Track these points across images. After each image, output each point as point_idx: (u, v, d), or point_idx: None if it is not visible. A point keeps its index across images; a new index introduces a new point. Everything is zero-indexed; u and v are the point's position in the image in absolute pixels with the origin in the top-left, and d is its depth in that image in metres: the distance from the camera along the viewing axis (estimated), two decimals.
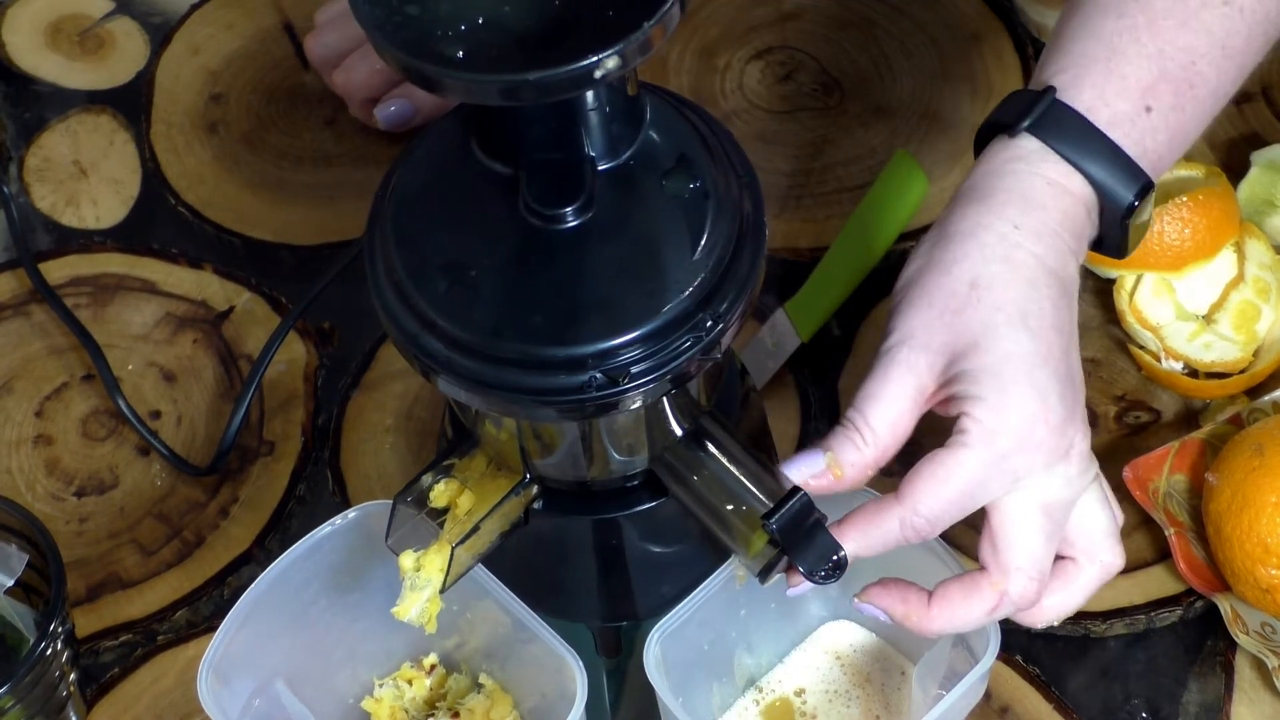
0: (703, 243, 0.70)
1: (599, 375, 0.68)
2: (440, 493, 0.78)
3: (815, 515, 0.74)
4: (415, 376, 0.90)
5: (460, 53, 0.63)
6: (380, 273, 0.72)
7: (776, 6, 1.17)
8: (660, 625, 0.79)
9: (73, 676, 0.88)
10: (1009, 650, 0.90)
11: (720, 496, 0.77)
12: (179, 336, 1.05)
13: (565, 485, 0.80)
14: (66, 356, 1.04)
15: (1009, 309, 0.73)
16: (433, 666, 0.89)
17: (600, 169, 0.70)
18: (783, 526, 0.73)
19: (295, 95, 1.15)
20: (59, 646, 0.85)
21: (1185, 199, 0.97)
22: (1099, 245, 0.79)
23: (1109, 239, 0.78)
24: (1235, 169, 1.04)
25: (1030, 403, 0.72)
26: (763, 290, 0.73)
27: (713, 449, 0.77)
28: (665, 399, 0.74)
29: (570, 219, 0.69)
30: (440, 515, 0.78)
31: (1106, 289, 1.01)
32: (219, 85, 1.16)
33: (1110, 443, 0.97)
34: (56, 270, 1.08)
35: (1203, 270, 1.00)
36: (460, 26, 0.64)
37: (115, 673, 0.92)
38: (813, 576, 0.74)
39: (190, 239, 1.09)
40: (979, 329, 0.73)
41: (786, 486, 0.74)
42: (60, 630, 0.84)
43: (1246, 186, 1.03)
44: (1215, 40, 0.78)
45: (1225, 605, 0.88)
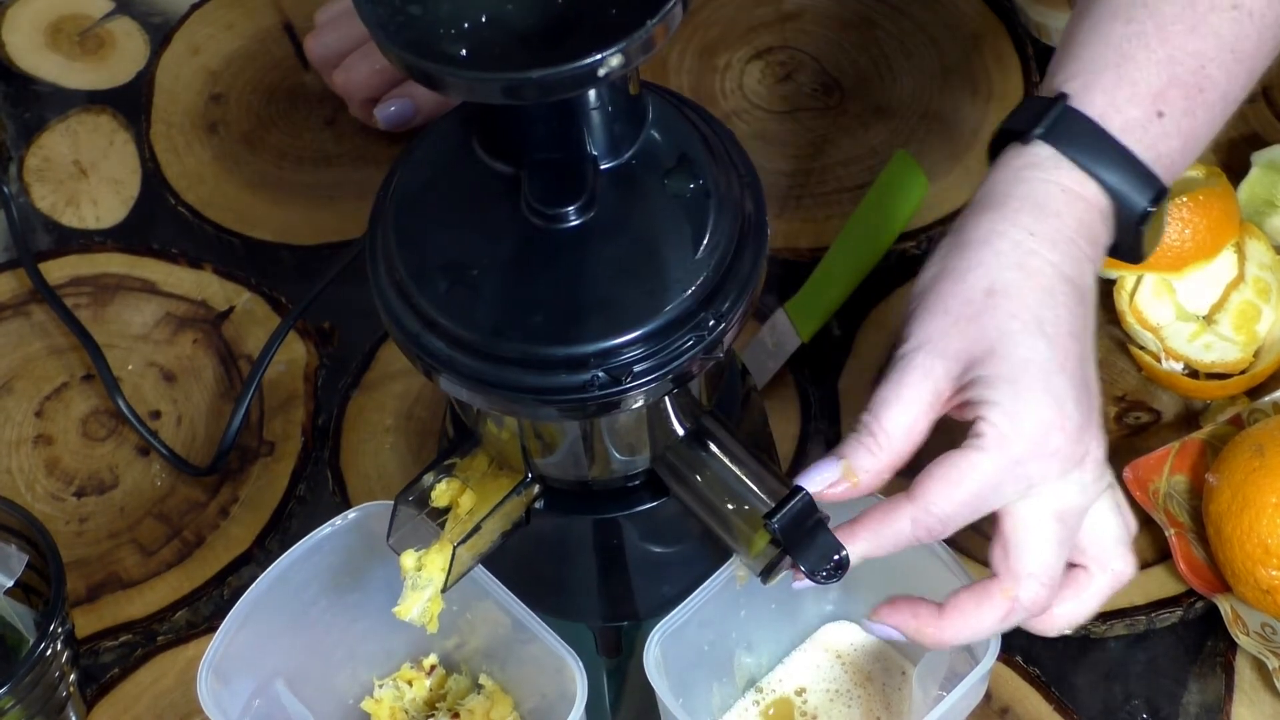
0: (704, 242, 0.70)
1: (601, 374, 0.68)
2: (442, 492, 0.78)
3: (817, 515, 0.74)
4: (415, 376, 0.90)
5: (463, 51, 0.63)
6: (382, 272, 0.72)
7: (776, 6, 1.17)
8: (660, 625, 0.79)
9: (73, 677, 0.88)
10: (1009, 651, 0.89)
11: (722, 496, 0.77)
12: (179, 336, 1.05)
13: (567, 485, 0.80)
14: (66, 356, 1.04)
15: (1025, 316, 0.73)
16: (433, 667, 0.89)
17: (602, 168, 0.70)
18: (784, 526, 0.73)
19: (295, 95, 1.15)
20: (59, 646, 0.85)
21: (1185, 199, 0.97)
22: (1114, 251, 0.78)
23: (1124, 245, 0.78)
24: (1235, 169, 1.04)
25: (1047, 410, 0.72)
26: (763, 290, 0.73)
27: (714, 448, 0.77)
28: (667, 399, 0.74)
29: (572, 218, 0.69)
30: (441, 515, 0.78)
31: (1107, 289, 1.01)
32: (219, 85, 1.16)
33: (1110, 443, 0.95)
34: (56, 270, 1.08)
35: (1203, 271, 0.99)
36: (463, 25, 0.64)
37: (115, 673, 0.92)
38: (814, 576, 0.74)
39: (190, 239, 1.09)
40: (995, 336, 0.73)
41: (797, 490, 0.74)
42: (60, 630, 0.84)
43: (1246, 186, 1.03)
44: (1224, 44, 0.78)
45: (1225, 606, 0.88)
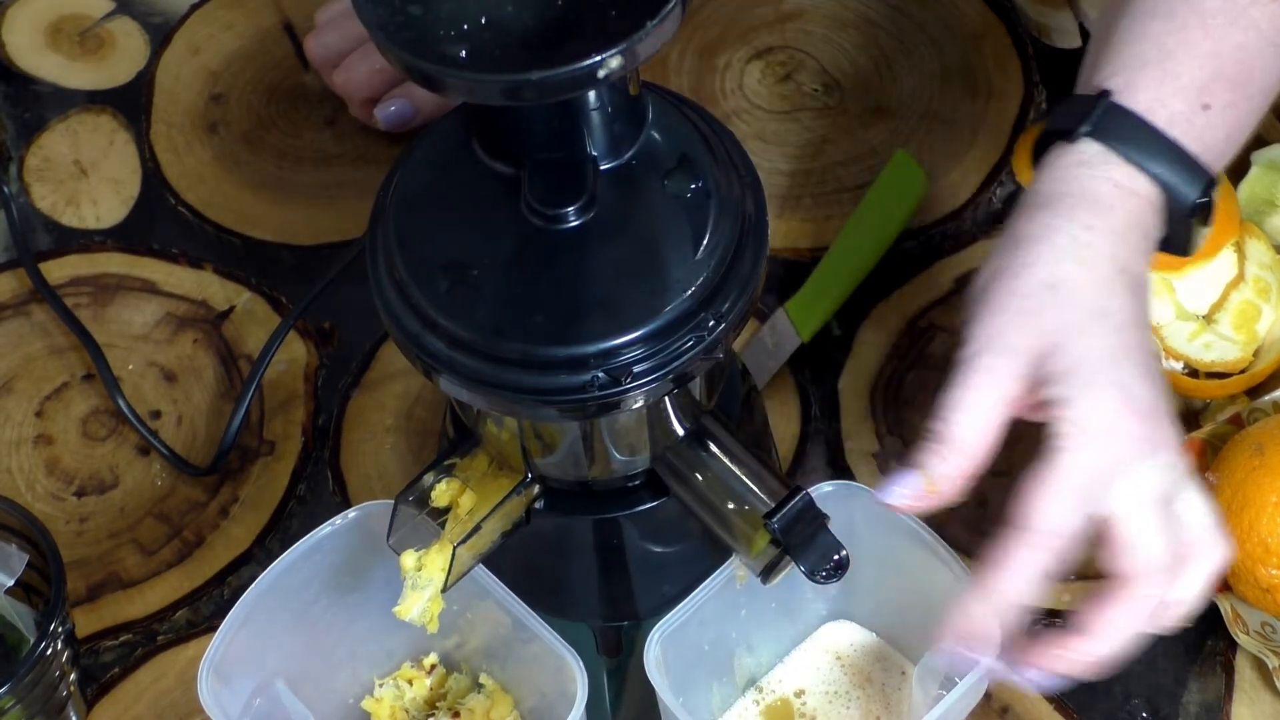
0: (705, 242, 0.70)
1: (601, 375, 0.68)
2: (442, 492, 0.78)
3: (817, 515, 0.74)
4: (416, 376, 0.90)
5: (463, 52, 0.63)
6: (382, 272, 0.72)
7: (776, 6, 1.17)
8: (661, 625, 0.79)
9: (73, 676, 0.88)
10: None
11: (722, 496, 0.77)
12: (179, 336, 1.05)
13: (567, 485, 0.80)
14: (66, 356, 1.04)
15: (1088, 307, 0.73)
16: (433, 666, 0.89)
17: (602, 169, 0.70)
18: (785, 526, 0.73)
19: (295, 95, 1.15)
20: (59, 646, 0.85)
21: None
22: (1163, 245, 0.79)
23: (1173, 238, 0.78)
24: (1235, 169, 1.04)
25: (1117, 399, 0.72)
26: (763, 290, 0.73)
27: (714, 448, 0.77)
28: (667, 399, 0.74)
29: (572, 219, 0.69)
30: (442, 515, 0.78)
31: None
32: (219, 85, 1.16)
33: None
34: (56, 270, 1.08)
35: (1203, 270, 0.99)
36: (463, 26, 0.64)
37: (115, 673, 0.92)
38: (814, 576, 0.74)
39: (190, 239, 1.09)
40: (1060, 329, 0.73)
41: (886, 509, 0.73)
42: (60, 630, 0.84)
43: (1246, 186, 1.03)
44: (1265, 36, 0.79)
45: (1225, 605, 0.88)
